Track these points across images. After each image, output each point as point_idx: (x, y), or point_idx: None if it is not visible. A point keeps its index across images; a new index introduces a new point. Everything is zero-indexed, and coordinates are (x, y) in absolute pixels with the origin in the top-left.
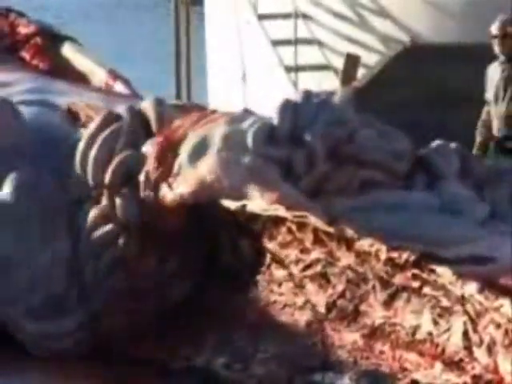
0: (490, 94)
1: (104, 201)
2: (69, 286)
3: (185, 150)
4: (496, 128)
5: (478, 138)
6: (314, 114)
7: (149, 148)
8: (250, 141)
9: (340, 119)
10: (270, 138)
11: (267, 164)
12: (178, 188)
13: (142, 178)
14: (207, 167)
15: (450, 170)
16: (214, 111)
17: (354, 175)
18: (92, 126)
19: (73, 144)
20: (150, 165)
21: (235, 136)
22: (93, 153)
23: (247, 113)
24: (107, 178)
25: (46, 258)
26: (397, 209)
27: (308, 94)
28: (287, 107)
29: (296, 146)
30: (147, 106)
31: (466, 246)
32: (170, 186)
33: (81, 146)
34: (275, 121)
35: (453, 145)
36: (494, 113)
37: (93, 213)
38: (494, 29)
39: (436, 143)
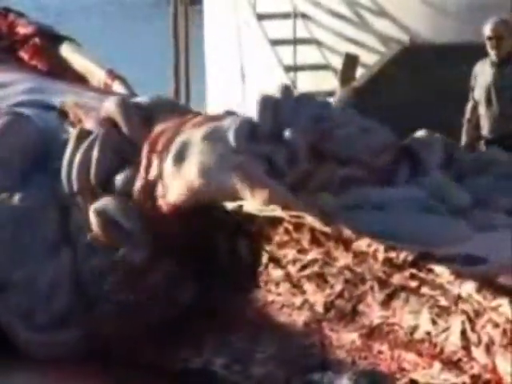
0: (479, 94)
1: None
2: (72, 300)
3: (169, 157)
4: (487, 129)
5: (466, 138)
6: (294, 109)
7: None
8: (231, 138)
9: (321, 115)
10: (251, 134)
11: (252, 160)
12: (169, 197)
13: (136, 189)
14: (192, 172)
15: (433, 160)
16: (195, 114)
17: (334, 172)
18: (69, 145)
19: (62, 144)
20: (141, 177)
21: (216, 135)
22: (74, 171)
23: (228, 113)
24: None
25: (47, 276)
26: (384, 207)
27: (288, 90)
28: (268, 103)
29: (278, 143)
30: (112, 111)
31: (456, 246)
32: (161, 195)
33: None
34: (256, 118)
35: (437, 135)
36: (484, 113)
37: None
38: (488, 30)
39: (420, 133)
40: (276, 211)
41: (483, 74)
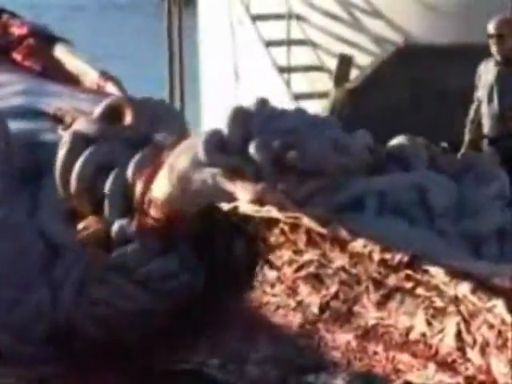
0: (482, 93)
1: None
2: (56, 320)
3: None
4: (488, 127)
5: (468, 137)
6: (264, 122)
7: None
8: (201, 152)
9: (290, 128)
10: (221, 146)
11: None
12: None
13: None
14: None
15: (420, 162)
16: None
17: (296, 186)
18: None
19: (50, 147)
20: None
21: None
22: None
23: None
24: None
25: (34, 297)
26: (387, 193)
27: (262, 102)
28: (237, 116)
29: (246, 157)
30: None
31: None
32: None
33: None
34: (225, 130)
35: (420, 139)
36: (486, 112)
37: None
38: (491, 28)
39: (403, 138)
40: (272, 212)
41: (487, 72)
